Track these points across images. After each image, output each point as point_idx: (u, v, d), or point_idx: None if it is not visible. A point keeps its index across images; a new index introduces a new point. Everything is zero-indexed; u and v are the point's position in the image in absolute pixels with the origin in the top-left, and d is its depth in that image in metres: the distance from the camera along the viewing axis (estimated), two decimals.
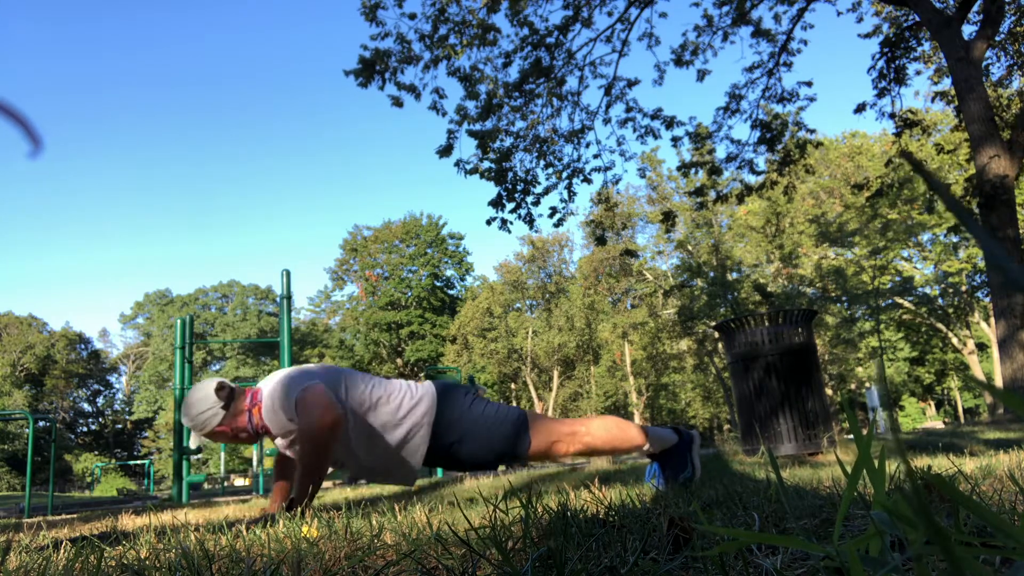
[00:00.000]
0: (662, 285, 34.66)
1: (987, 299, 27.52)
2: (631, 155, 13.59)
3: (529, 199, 13.18)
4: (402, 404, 2.50)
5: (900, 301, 32.63)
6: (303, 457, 2.33)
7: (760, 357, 5.08)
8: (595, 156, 13.78)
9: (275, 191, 79.08)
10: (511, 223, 13.19)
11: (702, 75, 13.13)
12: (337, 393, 2.42)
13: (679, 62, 13.07)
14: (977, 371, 31.50)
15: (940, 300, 32.49)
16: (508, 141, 12.86)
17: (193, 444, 2.51)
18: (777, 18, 12.90)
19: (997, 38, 13.17)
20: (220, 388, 2.46)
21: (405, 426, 2.48)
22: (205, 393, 2.46)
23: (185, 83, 72.98)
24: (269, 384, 2.47)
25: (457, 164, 12.56)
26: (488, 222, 13.16)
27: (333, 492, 5.16)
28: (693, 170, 14.71)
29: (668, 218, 15.24)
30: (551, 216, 13.47)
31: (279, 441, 2.50)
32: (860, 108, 13.60)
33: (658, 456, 2.67)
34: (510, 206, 13.11)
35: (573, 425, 2.57)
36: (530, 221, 13.27)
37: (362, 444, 2.48)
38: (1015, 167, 9.40)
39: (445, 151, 12.34)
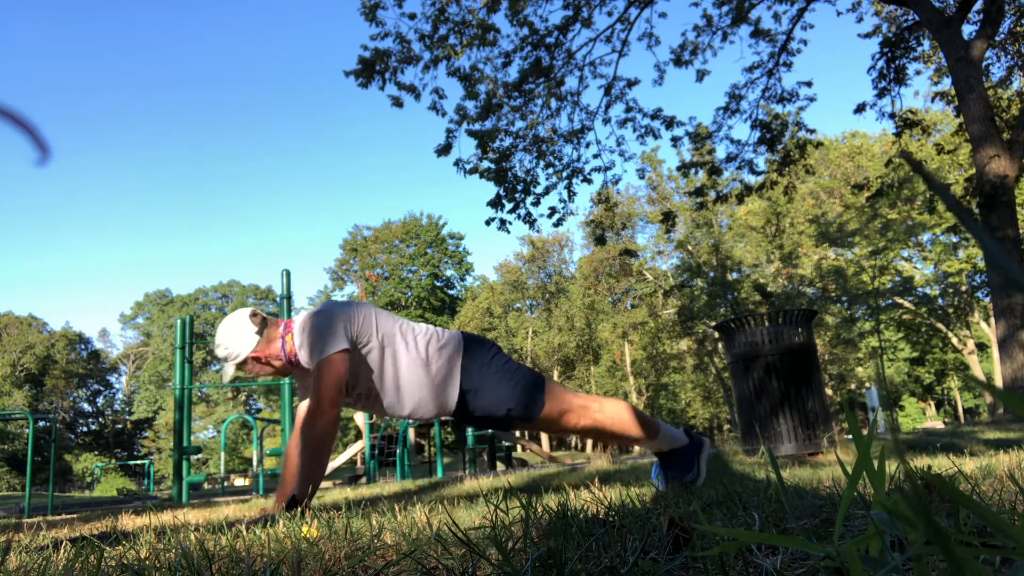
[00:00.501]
0: (662, 285, 34.66)
1: (987, 299, 27.53)
2: (630, 155, 13.60)
3: (529, 199, 13.18)
4: (430, 343, 2.52)
5: (900, 301, 32.63)
6: (307, 451, 2.35)
7: (760, 357, 5.08)
8: (595, 156, 13.79)
9: (275, 191, 79.13)
10: (510, 223, 13.20)
11: (701, 75, 13.14)
12: (367, 334, 2.45)
13: (678, 62, 13.07)
14: (977, 371, 31.50)
15: (940, 300, 32.49)
16: (508, 141, 12.86)
17: (226, 378, 2.52)
18: (776, 17, 12.90)
19: (997, 38, 13.17)
20: (253, 315, 2.48)
21: (435, 366, 2.50)
22: (239, 319, 2.48)
23: (185, 83, 73.03)
24: (301, 321, 2.48)
25: (456, 164, 12.56)
26: (487, 222, 13.16)
27: (333, 492, 5.16)
28: (693, 170, 14.70)
29: (668, 218, 15.24)
30: (550, 216, 13.48)
31: (302, 375, 2.54)
32: (860, 108, 13.60)
33: (664, 455, 2.65)
34: (509, 206, 13.11)
35: (588, 400, 2.57)
36: (531, 221, 13.27)
37: (391, 384, 2.50)
38: (1015, 167, 9.40)
39: (444, 150, 12.34)
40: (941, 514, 1.01)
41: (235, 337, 2.46)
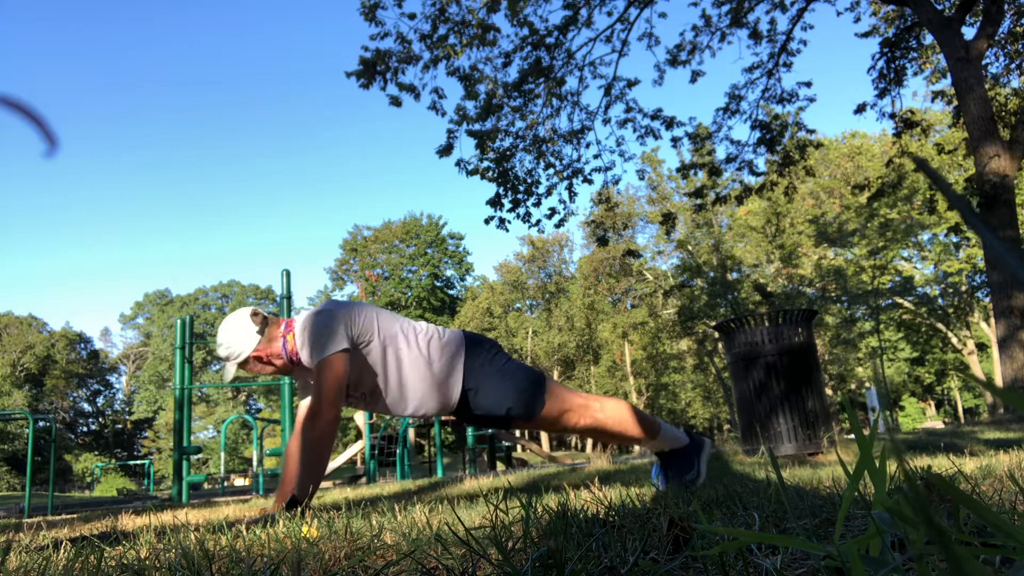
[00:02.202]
0: (662, 285, 34.66)
1: (987, 299, 27.52)
2: (630, 156, 13.59)
3: (531, 200, 13.18)
4: (431, 342, 2.52)
5: (900, 301, 32.62)
6: (303, 452, 2.36)
7: (760, 357, 5.08)
8: (595, 156, 13.78)
9: (275, 191, 79.13)
10: (509, 222, 13.19)
11: (695, 76, 13.12)
12: (368, 334, 2.46)
13: (674, 62, 13.06)
14: (977, 371, 31.50)
15: (940, 300, 32.49)
16: (508, 141, 12.86)
17: (228, 376, 2.52)
18: (772, 22, 12.88)
19: (996, 38, 13.17)
20: (254, 314, 2.48)
21: (437, 364, 2.50)
22: (240, 319, 2.48)
23: (185, 83, 73.04)
24: (302, 320, 2.49)
25: (458, 164, 12.56)
26: (486, 221, 13.16)
27: (333, 492, 5.16)
28: (693, 171, 14.70)
29: (668, 219, 15.23)
30: (550, 217, 13.46)
31: (302, 374, 2.54)
32: (860, 108, 13.60)
33: (665, 455, 2.65)
34: (509, 205, 13.11)
35: (588, 399, 2.56)
36: (534, 222, 13.26)
37: (393, 382, 2.50)
38: (1015, 167, 9.40)
39: (445, 151, 12.33)
40: (941, 514, 1.01)
41: (237, 336, 2.46)
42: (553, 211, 13.41)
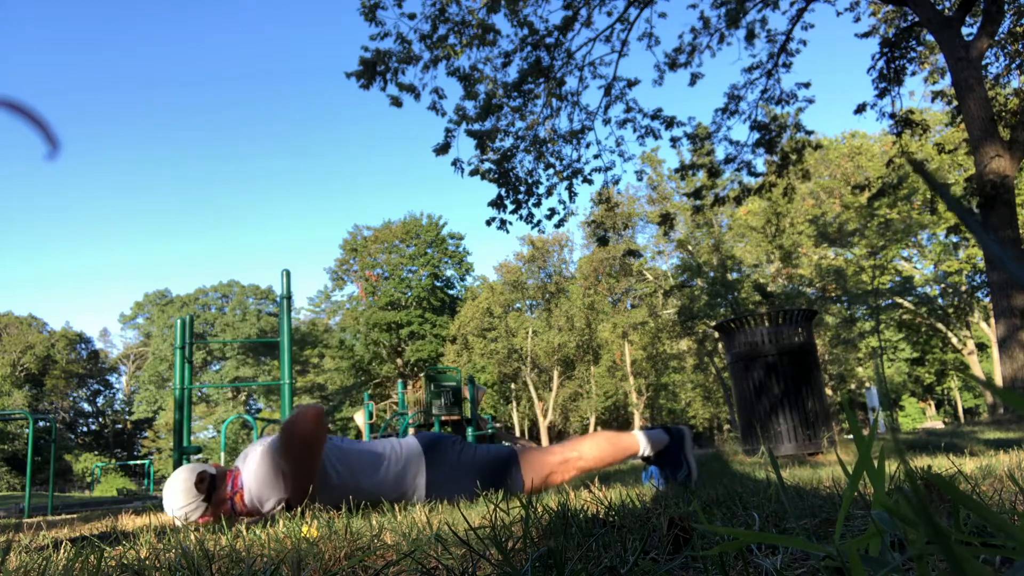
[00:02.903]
0: (662, 285, 34.66)
1: (987, 299, 27.52)
2: (629, 156, 13.59)
3: (531, 201, 13.18)
4: (389, 467, 2.50)
5: (900, 301, 32.62)
6: (290, 457, 2.32)
7: (760, 357, 5.08)
8: (595, 156, 13.78)
9: (275, 191, 79.12)
10: (510, 223, 13.19)
11: (694, 79, 13.11)
12: (326, 460, 2.42)
13: (673, 65, 13.05)
14: (977, 371, 31.49)
15: (940, 300, 32.49)
16: (508, 142, 12.86)
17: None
18: (764, 21, 12.84)
19: (996, 38, 13.17)
20: (200, 481, 2.37)
21: (399, 489, 2.50)
22: (186, 487, 2.38)
23: (185, 83, 73.03)
24: (248, 462, 2.42)
25: (454, 164, 12.55)
26: (488, 222, 13.16)
27: None
28: (692, 171, 14.70)
29: (666, 220, 15.23)
30: (549, 218, 13.45)
31: (270, 506, 2.43)
32: (860, 108, 13.60)
33: (655, 458, 2.68)
34: (511, 207, 13.10)
35: (564, 453, 2.59)
36: (535, 223, 13.26)
37: (352, 487, 2.49)
38: (1015, 167, 9.40)
39: (442, 149, 12.32)
40: (941, 514, 1.01)
41: (181, 505, 2.37)
42: (552, 211, 13.40)
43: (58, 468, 44.25)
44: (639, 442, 2.61)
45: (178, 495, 2.38)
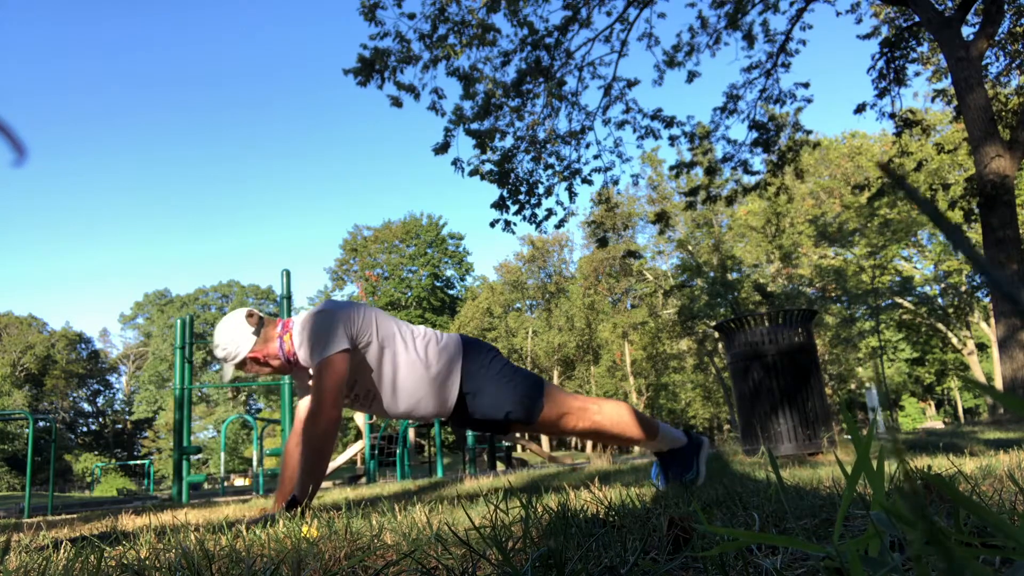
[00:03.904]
0: (662, 285, 34.66)
1: (987, 299, 27.52)
2: (627, 157, 13.58)
3: (532, 201, 13.17)
4: (429, 345, 2.53)
5: (900, 301, 32.62)
6: (309, 450, 2.34)
7: (760, 357, 5.08)
8: (595, 157, 13.77)
9: (275, 191, 79.13)
10: (514, 224, 13.17)
11: (691, 77, 13.10)
12: (367, 334, 2.46)
13: (671, 63, 13.04)
14: (977, 371, 31.50)
15: (940, 300, 32.49)
16: (509, 142, 12.85)
17: (226, 377, 2.54)
18: (765, 23, 12.84)
19: (996, 38, 13.17)
20: (250, 315, 2.49)
21: (435, 367, 2.51)
22: (236, 320, 2.49)
23: (185, 83, 73.05)
24: (301, 320, 2.49)
25: (454, 163, 12.54)
26: (492, 224, 13.15)
27: (333, 492, 5.16)
28: (689, 170, 14.68)
29: (661, 219, 15.22)
30: (547, 218, 13.43)
31: (300, 374, 2.54)
32: (860, 108, 13.59)
33: (664, 455, 2.66)
34: (514, 208, 13.09)
35: (586, 402, 2.57)
36: (536, 223, 13.25)
37: (388, 383, 2.51)
38: (1015, 167, 9.40)
39: (441, 148, 12.30)
40: (941, 514, 1.01)
41: (232, 337, 2.46)
42: (550, 212, 13.36)
43: (58, 468, 44.25)
44: (659, 431, 2.59)
45: (229, 328, 2.48)
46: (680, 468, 2.60)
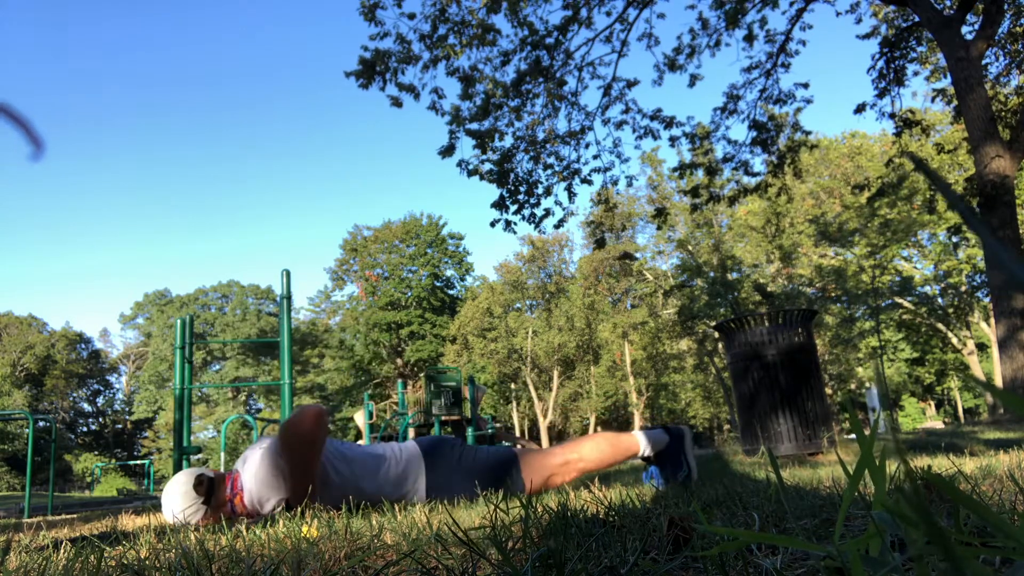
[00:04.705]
0: (662, 285, 34.64)
1: (987, 299, 27.52)
2: (626, 158, 13.59)
3: (531, 200, 13.17)
4: (390, 469, 2.51)
5: (900, 301, 32.61)
6: (290, 457, 2.33)
7: (760, 357, 5.08)
8: (594, 157, 13.76)
9: (275, 191, 79.10)
10: (515, 224, 13.16)
11: (693, 80, 13.09)
12: (325, 462, 2.43)
13: (673, 66, 13.03)
14: (977, 371, 31.48)
15: (940, 300, 32.48)
16: (508, 142, 12.84)
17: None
18: (764, 21, 12.82)
19: (996, 38, 13.17)
20: (199, 484, 2.37)
21: (399, 491, 2.51)
22: (183, 490, 2.39)
23: (185, 83, 73.01)
24: (248, 464, 2.43)
25: (459, 164, 12.55)
26: (492, 224, 13.14)
27: None
28: (692, 171, 14.69)
29: (660, 214, 15.21)
30: (545, 218, 13.42)
31: (270, 506, 2.44)
32: (860, 108, 13.59)
33: (656, 458, 2.68)
34: (513, 208, 13.09)
35: (565, 454, 2.60)
36: (536, 223, 13.24)
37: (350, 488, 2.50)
38: (1015, 167, 9.40)
39: (448, 151, 12.31)
40: (941, 514, 1.01)
41: (182, 509, 2.38)
42: (548, 212, 13.34)
43: (58, 468, 44.24)
44: (639, 442, 2.62)
45: (177, 499, 2.38)
46: (673, 467, 2.63)
